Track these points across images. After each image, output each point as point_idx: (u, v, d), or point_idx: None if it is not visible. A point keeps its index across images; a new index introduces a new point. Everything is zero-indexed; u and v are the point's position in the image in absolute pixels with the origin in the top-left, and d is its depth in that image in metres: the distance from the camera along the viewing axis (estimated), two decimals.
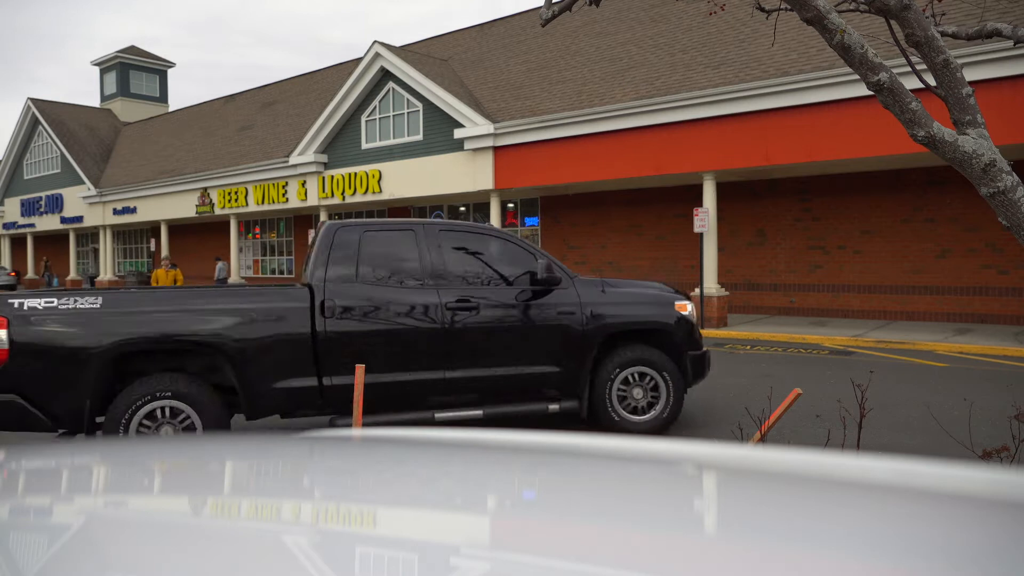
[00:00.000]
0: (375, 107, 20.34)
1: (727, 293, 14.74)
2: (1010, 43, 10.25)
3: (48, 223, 34.26)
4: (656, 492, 0.68)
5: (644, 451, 0.82)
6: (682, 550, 0.52)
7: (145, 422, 4.61)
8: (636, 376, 5.79)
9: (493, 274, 5.57)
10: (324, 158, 21.33)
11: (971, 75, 10.60)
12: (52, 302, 4.55)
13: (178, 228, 31.20)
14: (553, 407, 5.54)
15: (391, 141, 19.92)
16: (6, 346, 4.42)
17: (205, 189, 25.50)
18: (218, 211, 25.11)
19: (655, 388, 5.84)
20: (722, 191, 15.92)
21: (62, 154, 33.08)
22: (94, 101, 40.19)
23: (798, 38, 13.69)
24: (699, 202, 15.11)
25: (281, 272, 28.13)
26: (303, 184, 22.01)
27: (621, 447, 0.84)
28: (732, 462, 0.78)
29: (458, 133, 17.71)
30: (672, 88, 14.88)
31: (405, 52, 20.11)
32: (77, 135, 33.88)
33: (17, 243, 40.83)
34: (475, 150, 17.60)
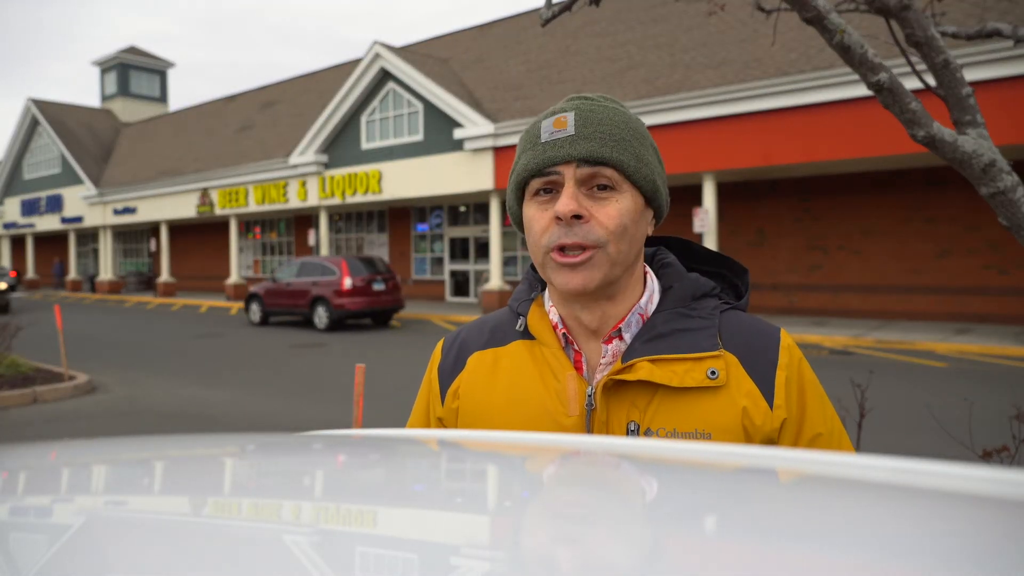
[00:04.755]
0: (375, 107, 20.33)
1: None
2: (1010, 43, 10.25)
3: (48, 223, 34.24)
4: (656, 491, 0.68)
5: (644, 450, 0.82)
6: (679, 550, 0.52)
7: None
8: None
9: None
10: (324, 158, 21.32)
11: (971, 75, 10.59)
12: None
13: (178, 228, 31.18)
14: None
15: (391, 141, 19.91)
16: None
17: (205, 189, 25.49)
18: (218, 211, 25.09)
19: None
20: (722, 191, 15.91)
21: (62, 154, 33.07)
22: (99, 100, 40.32)
23: (798, 38, 13.69)
24: (699, 202, 15.11)
25: None
26: (303, 184, 21.99)
27: (623, 446, 0.84)
28: (731, 461, 0.78)
29: (458, 133, 17.70)
30: (672, 88, 14.87)
31: (405, 52, 20.11)
32: (77, 135, 33.87)
33: (17, 243, 40.81)
34: (475, 150, 17.59)
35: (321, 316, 15.95)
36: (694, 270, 1.09)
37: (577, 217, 0.93)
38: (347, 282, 15.59)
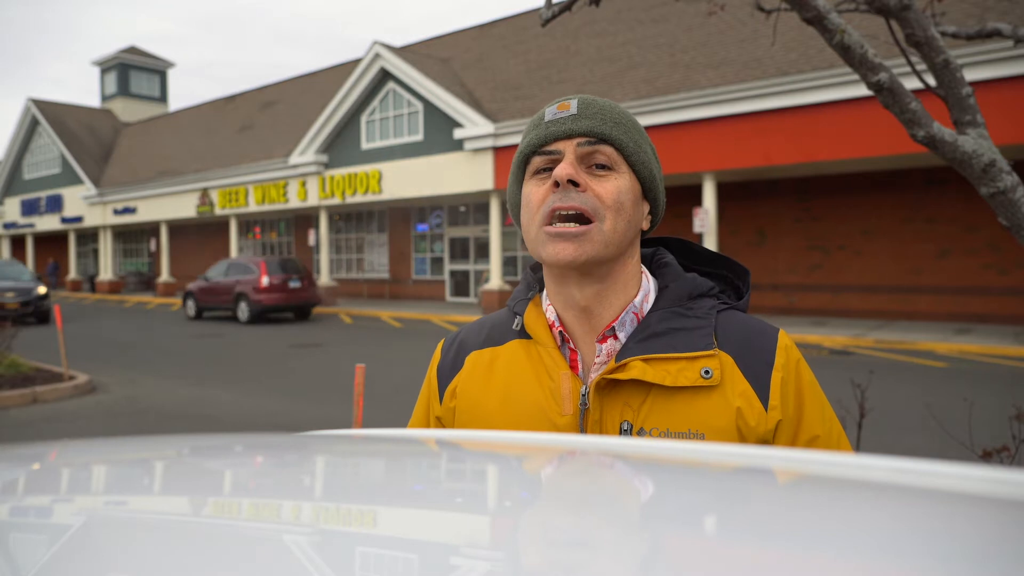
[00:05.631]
0: (375, 107, 20.33)
1: None
2: (1010, 43, 10.24)
3: (48, 223, 34.23)
4: (656, 491, 0.68)
5: (634, 450, 0.82)
6: (673, 551, 0.52)
7: None
8: None
9: None
10: (324, 158, 21.32)
11: (971, 75, 10.58)
12: None
13: (178, 228, 31.18)
14: None
15: (391, 141, 19.91)
16: None
17: (205, 189, 25.49)
18: (218, 211, 25.09)
19: None
20: (722, 191, 15.91)
21: (62, 154, 33.06)
22: (99, 100, 40.36)
23: (798, 38, 13.68)
24: (699, 202, 15.11)
25: None
26: (303, 184, 21.99)
27: (623, 446, 0.84)
28: (723, 461, 0.78)
29: (458, 133, 17.70)
30: (672, 88, 14.87)
31: (405, 52, 20.10)
32: (77, 135, 33.86)
33: (17, 243, 40.79)
34: (475, 150, 17.59)
35: (243, 310, 17.59)
36: (695, 271, 1.08)
37: (575, 184, 0.94)
38: (265, 280, 17.31)
